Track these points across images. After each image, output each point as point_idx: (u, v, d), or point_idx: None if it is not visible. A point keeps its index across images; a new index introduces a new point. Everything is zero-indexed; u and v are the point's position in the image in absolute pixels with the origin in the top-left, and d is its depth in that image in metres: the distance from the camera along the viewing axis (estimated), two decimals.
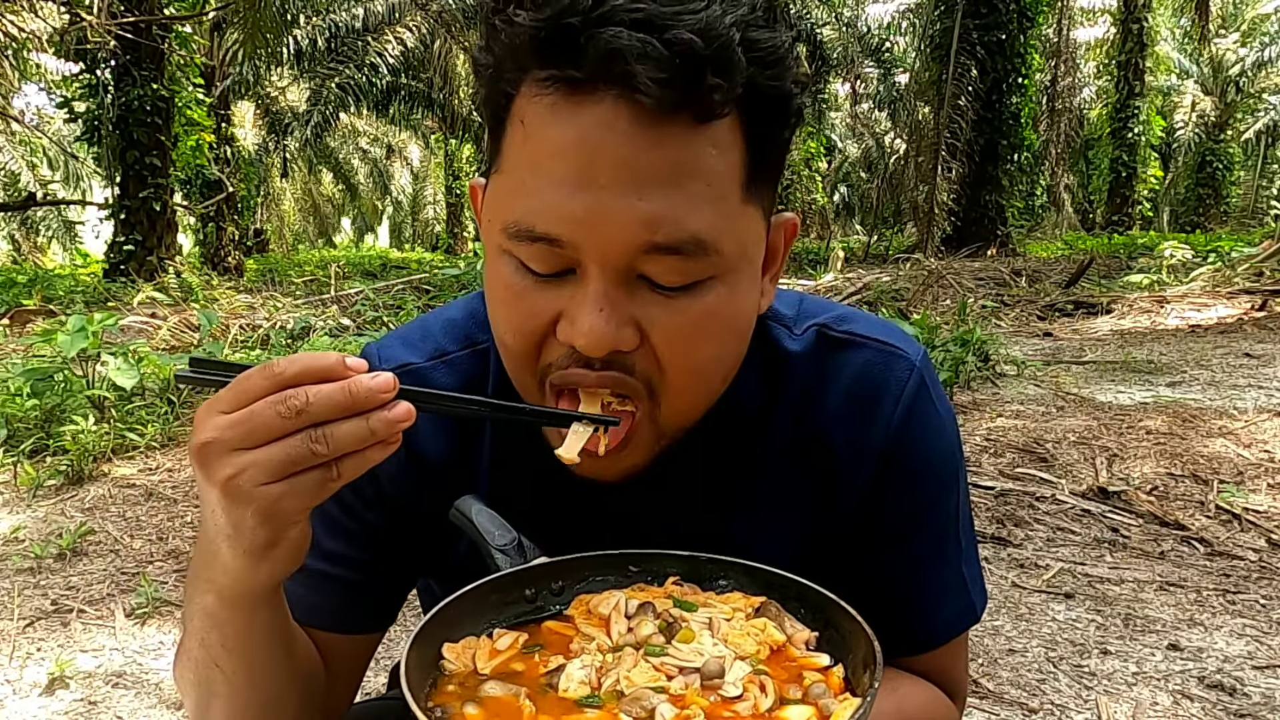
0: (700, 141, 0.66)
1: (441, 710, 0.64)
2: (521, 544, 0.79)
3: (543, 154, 0.67)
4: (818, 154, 23.05)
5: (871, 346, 0.87)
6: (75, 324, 4.64)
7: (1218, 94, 26.04)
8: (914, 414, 0.86)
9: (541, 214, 0.67)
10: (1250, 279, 9.69)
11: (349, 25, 17.56)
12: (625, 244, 0.66)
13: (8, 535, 3.54)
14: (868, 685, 0.63)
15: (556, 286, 0.70)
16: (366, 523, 0.88)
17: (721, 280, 0.71)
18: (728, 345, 0.76)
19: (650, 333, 0.70)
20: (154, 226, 13.75)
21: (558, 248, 0.68)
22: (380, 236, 44.16)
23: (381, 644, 0.99)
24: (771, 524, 0.88)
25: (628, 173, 0.65)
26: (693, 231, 0.67)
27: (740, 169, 0.69)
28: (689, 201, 0.66)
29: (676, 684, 0.65)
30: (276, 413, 0.59)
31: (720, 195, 0.68)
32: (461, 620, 0.73)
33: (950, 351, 6.00)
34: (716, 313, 0.71)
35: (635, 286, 0.69)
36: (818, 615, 0.74)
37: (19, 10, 11.81)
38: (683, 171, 0.66)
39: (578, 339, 0.69)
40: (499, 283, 0.73)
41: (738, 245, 0.71)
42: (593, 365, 0.71)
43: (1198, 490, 3.82)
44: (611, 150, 0.64)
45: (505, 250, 0.71)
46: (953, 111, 14.94)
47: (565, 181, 0.66)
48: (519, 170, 0.69)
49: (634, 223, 0.65)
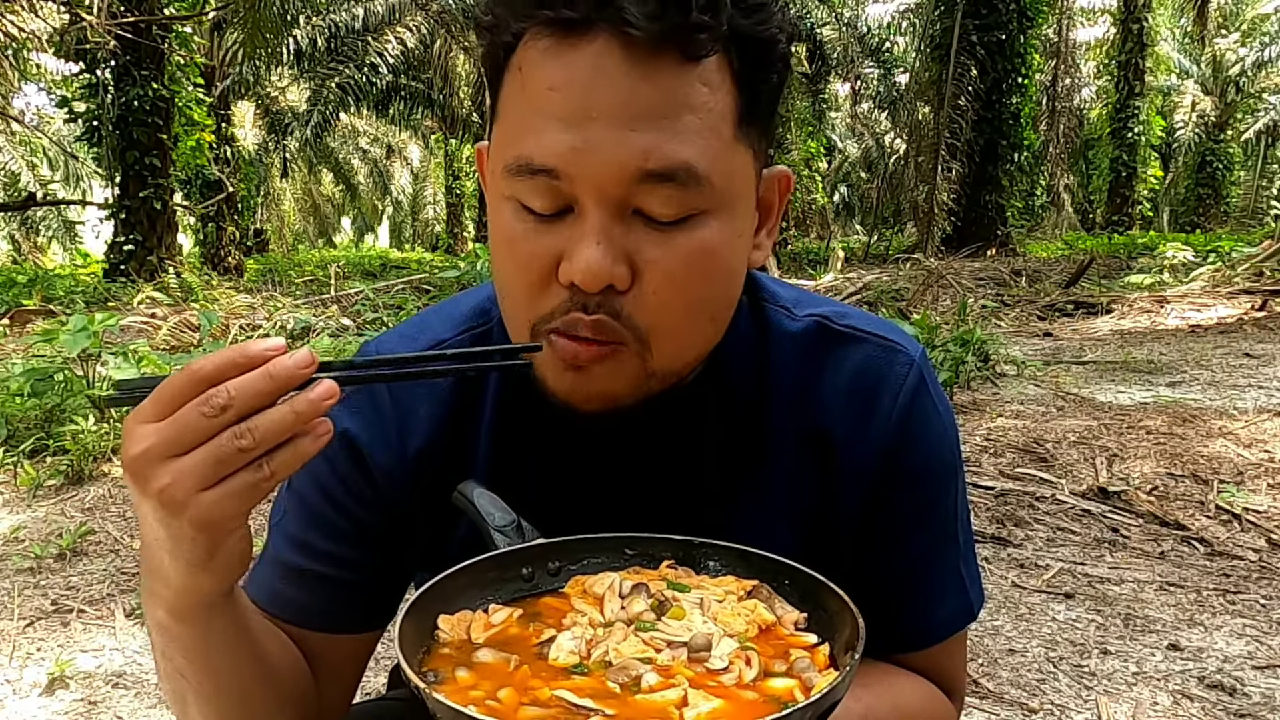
0: (690, 78, 0.69)
1: (434, 674, 0.66)
2: (520, 525, 0.80)
3: (539, 92, 0.69)
4: (818, 154, 23.03)
5: (871, 342, 0.88)
6: (76, 324, 4.64)
7: (1218, 94, 26.04)
8: (913, 410, 0.86)
9: (539, 147, 0.69)
10: (1250, 279, 9.70)
11: (349, 25, 17.56)
12: (619, 172, 0.68)
13: (8, 535, 3.54)
14: (849, 660, 0.64)
15: (555, 227, 0.72)
16: (360, 522, 0.87)
17: (714, 215, 0.72)
18: (719, 284, 0.77)
19: (644, 270, 0.72)
20: (154, 226, 13.76)
21: (555, 180, 0.70)
22: (380, 236, 44.18)
23: (382, 644, 0.99)
24: (773, 515, 0.88)
25: (621, 105, 0.67)
26: (684, 159, 0.69)
27: (731, 108, 0.72)
28: (680, 133, 0.69)
29: (664, 656, 0.67)
30: (200, 414, 0.58)
31: (711, 129, 0.70)
32: (458, 594, 0.74)
33: (950, 351, 5.99)
34: (709, 248, 0.73)
35: (631, 223, 0.71)
36: (808, 598, 0.75)
37: (19, 10, 11.81)
38: (673, 104, 0.68)
39: (576, 274, 0.70)
40: (501, 231, 0.75)
41: (729, 180, 0.73)
42: (588, 309, 0.72)
43: (1198, 490, 3.82)
44: (605, 85, 0.67)
45: (507, 197, 0.73)
46: (953, 111, 14.94)
47: (561, 115, 0.68)
48: (517, 112, 0.72)
49: (627, 151, 0.68)
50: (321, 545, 0.87)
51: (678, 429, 0.85)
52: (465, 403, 0.88)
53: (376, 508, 0.87)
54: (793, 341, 0.88)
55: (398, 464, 0.87)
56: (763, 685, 0.65)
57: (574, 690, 0.63)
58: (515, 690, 0.64)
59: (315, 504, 0.87)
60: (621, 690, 0.63)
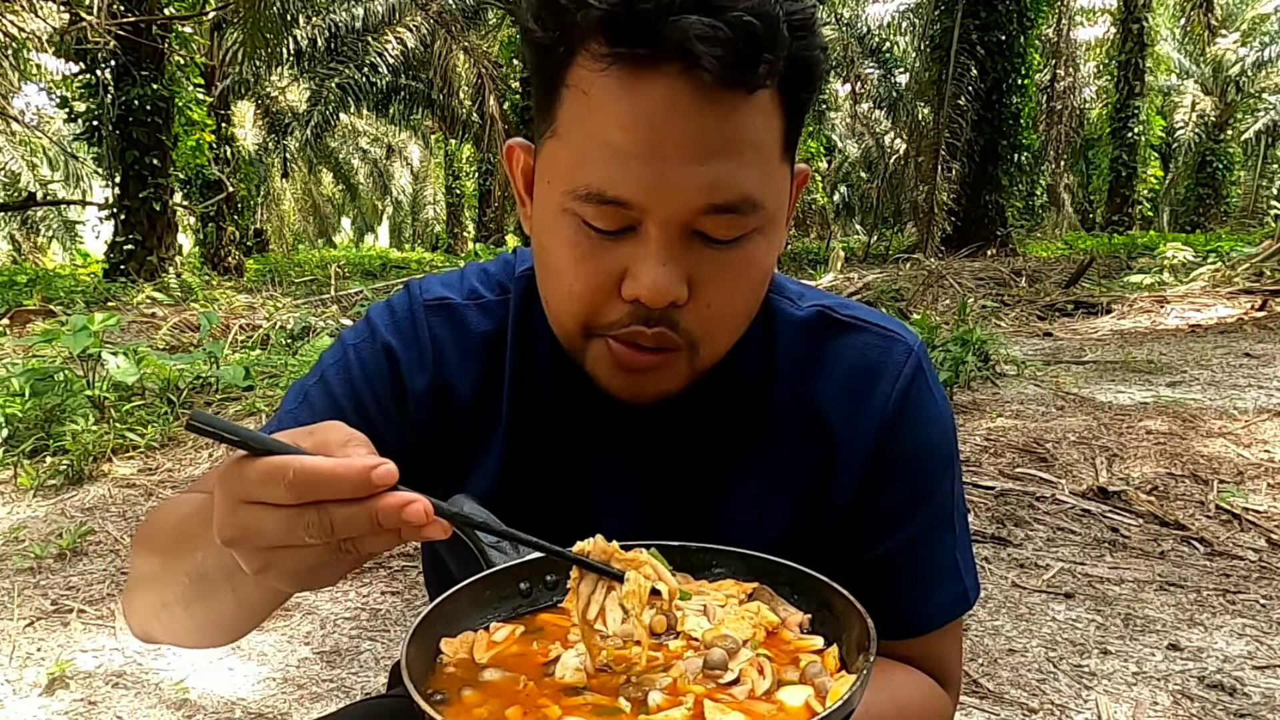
0: (751, 112, 0.72)
1: (441, 694, 0.65)
2: None
3: (611, 126, 0.72)
4: (818, 154, 23.03)
5: (872, 331, 0.92)
6: (76, 324, 4.64)
7: (1218, 94, 26.03)
8: (910, 396, 0.89)
9: (612, 181, 0.72)
10: (1250, 279, 9.69)
11: (349, 25, 17.54)
12: (688, 206, 0.73)
13: (8, 535, 3.54)
14: (863, 663, 0.64)
15: (617, 244, 0.75)
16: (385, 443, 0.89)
17: (762, 232, 0.78)
18: (761, 289, 0.83)
19: (701, 286, 0.76)
20: (154, 226, 13.75)
21: (624, 209, 0.73)
22: (380, 236, 44.16)
23: (381, 644, 0.99)
24: (774, 491, 0.90)
25: (692, 143, 0.71)
26: (745, 192, 0.74)
27: (780, 134, 0.76)
28: (743, 166, 0.73)
29: (676, 670, 0.67)
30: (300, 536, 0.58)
31: (766, 158, 0.75)
32: (458, 615, 0.74)
33: (950, 351, 5.99)
34: (756, 260, 0.78)
35: (691, 243, 0.75)
36: (810, 599, 0.75)
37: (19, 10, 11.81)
38: (737, 140, 0.72)
39: (642, 291, 0.74)
40: (561, 241, 0.77)
41: (776, 200, 0.78)
42: (649, 322, 0.76)
43: (1198, 490, 3.82)
44: (677, 123, 0.70)
45: (568, 211, 0.76)
46: (953, 111, 14.93)
47: (634, 153, 0.71)
48: (583, 139, 0.74)
49: (697, 187, 0.72)
50: None
51: (686, 404, 0.88)
52: (491, 359, 0.91)
53: (400, 428, 0.89)
54: (796, 328, 0.92)
55: (428, 393, 0.90)
56: (775, 697, 0.64)
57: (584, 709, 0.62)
58: (522, 709, 0.63)
59: (343, 404, 0.89)
60: (632, 708, 0.63)
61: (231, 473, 0.58)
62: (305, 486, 0.56)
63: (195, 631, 0.81)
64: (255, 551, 0.59)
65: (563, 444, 0.91)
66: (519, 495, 0.90)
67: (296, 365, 5.57)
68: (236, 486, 0.58)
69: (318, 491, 0.56)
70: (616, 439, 0.91)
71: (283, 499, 0.56)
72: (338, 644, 2.75)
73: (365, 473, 0.56)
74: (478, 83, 17.82)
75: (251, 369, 5.29)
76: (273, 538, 0.58)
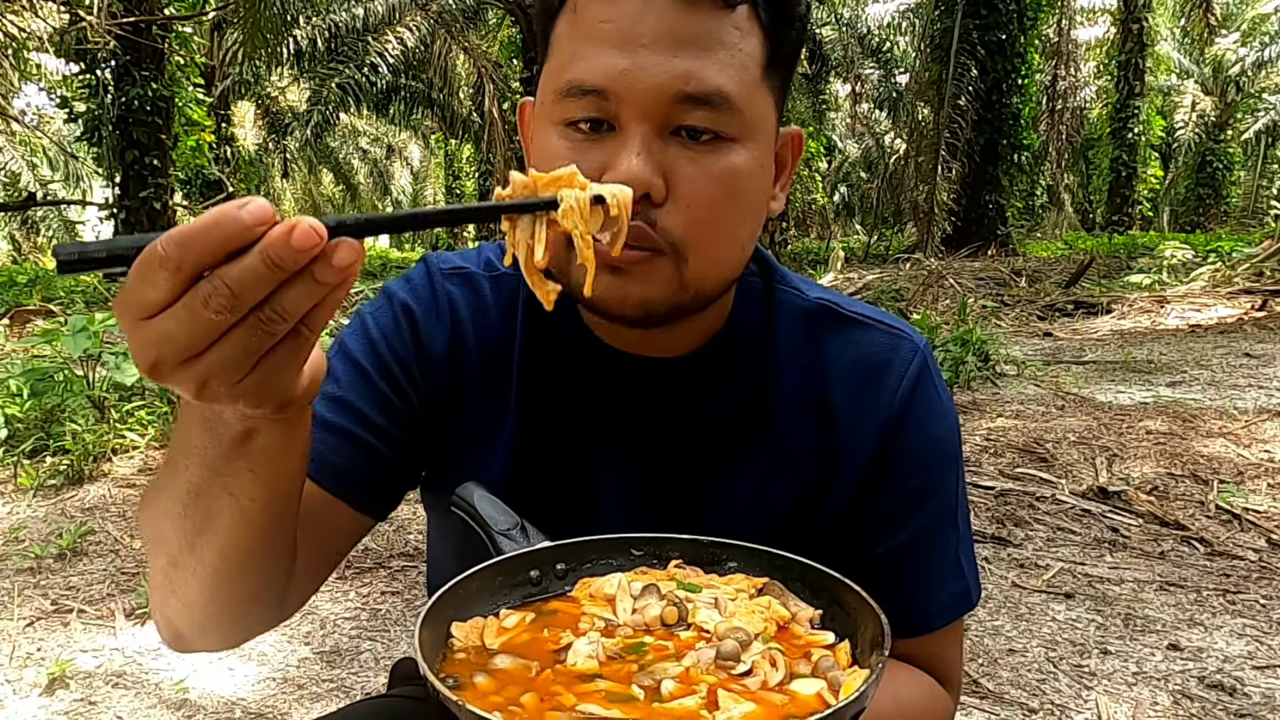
0: (724, 21, 0.77)
1: (453, 679, 0.66)
2: (524, 528, 0.81)
3: (591, 25, 0.78)
4: (818, 154, 23.01)
5: (878, 328, 0.93)
6: (76, 324, 4.63)
7: (1218, 94, 26.03)
8: (915, 394, 0.90)
9: (590, 70, 0.77)
10: (1250, 279, 9.69)
11: (349, 25, 17.55)
12: (661, 93, 0.76)
13: (8, 535, 3.54)
14: (876, 660, 0.64)
15: (599, 144, 0.78)
16: (403, 394, 0.91)
17: (741, 143, 0.80)
18: (744, 207, 0.83)
19: (678, 185, 0.78)
20: (154, 226, 13.74)
21: (603, 100, 0.77)
22: (380, 236, 44.19)
23: (382, 643, 0.99)
24: (775, 480, 0.91)
25: (665, 37, 0.76)
26: (718, 85, 0.77)
27: (758, 53, 0.80)
28: (716, 64, 0.77)
29: (688, 660, 0.67)
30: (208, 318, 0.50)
31: (742, 66, 0.79)
32: (468, 601, 0.74)
33: (950, 351, 6.00)
34: (736, 170, 0.80)
35: (668, 141, 0.78)
36: (821, 594, 0.75)
37: (19, 10, 11.81)
38: (710, 40, 0.77)
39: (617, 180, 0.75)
40: (547, 154, 0.80)
41: (755, 114, 0.81)
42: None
43: (1198, 490, 3.82)
44: (652, 19, 0.76)
45: (555, 122, 0.80)
46: (953, 111, 14.93)
47: (611, 42, 0.76)
48: (570, 44, 0.80)
49: (669, 75, 0.76)
50: (361, 407, 0.89)
51: (692, 385, 0.89)
52: (504, 332, 0.93)
53: (421, 386, 0.91)
54: (801, 318, 0.93)
55: (446, 354, 0.92)
56: (789, 688, 0.64)
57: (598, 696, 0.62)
58: (537, 696, 0.63)
59: (367, 368, 0.90)
60: (645, 696, 0.63)
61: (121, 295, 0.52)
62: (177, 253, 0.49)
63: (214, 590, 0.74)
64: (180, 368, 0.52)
65: (571, 424, 0.92)
66: (528, 474, 0.91)
67: None
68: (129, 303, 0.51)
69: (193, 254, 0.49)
70: (623, 419, 0.92)
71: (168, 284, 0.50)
72: (338, 644, 2.75)
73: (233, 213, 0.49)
74: (478, 83, 17.80)
75: None
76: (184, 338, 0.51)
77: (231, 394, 0.54)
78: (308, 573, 0.86)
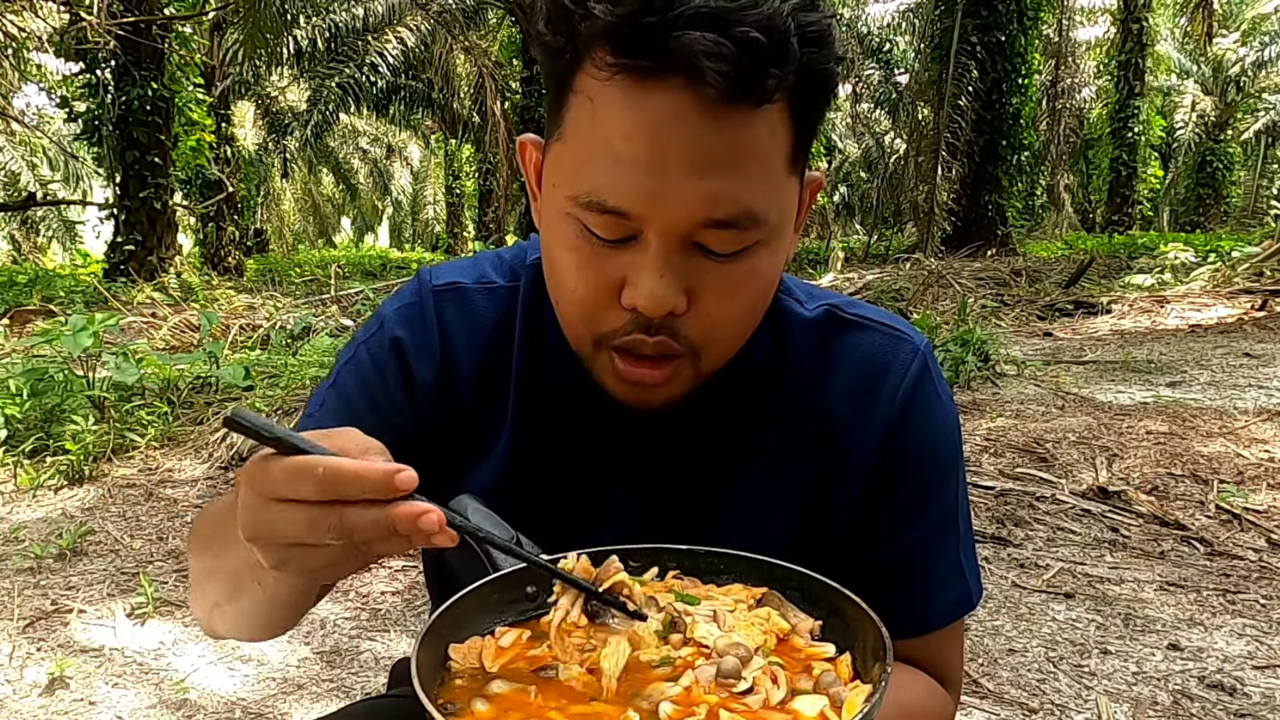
0: (756, 126, 0.71)
1: (451, 705, 0.65)
2: (520, 542, 0.79)
3: (614, 135, 0.71)
4: (818, 154, 23.04)
5: (879, 330, 0.92)
6: (76, 324, 4.64)
7: (1218, 94, 26.02)
8: (916, 396, 0.89)
9: (613, 190, 0.72)
10: (1250, 279, 9.69)
11: (349, 25, 17.55)
12: (688, 219, 0.72)
13: (8, 535, 3.54)
14: (879, 674, 0.63)
15: (618, 252, 0.75)
16: (394, 428, 0.90)
17: (765, 244, 0.77)
18: (765, 298, 0.83)
19: (700, 296, 0.76)
20: (154, 226, 13.76)
21: (624, 219, 0.73)
22: (380, 236, 44.15)
23: (381, 644, 0.99)
24: (777, 489, 0.90)
25: (693, 156, 0.70)
26: (746, 206, 0.73)
27: (788, 147, 0.75)
28: (746, 181, 0.72)
29: (686, 679, 0.66)
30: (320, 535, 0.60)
31: (771, 173, 0.74)
32: (465, 620, 0.73)
33: (950, 351, 6.00)
34: (759, 272, 0.78)
35: (690, 254, 0.75)
36: (820, 605, 0.74)
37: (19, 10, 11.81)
38: (741, 154, 0.71)
39: (640, 300, 0.75)
40: (564, 244, 0.78)
41: (781, 214, 0.77)
42: (649, 330, 0.77)
43: (1198, 490, 3.83)
44: (680, 136, 0.70)
45: (570, 215, 0.76)
46: (953, 111, 14.93)
47: (636, 163, 0.71)
48: (587, 146, 0.74)
49: (697, 200, 0.71)
50: None
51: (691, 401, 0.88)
52: (499, 348, 0.92)
53: (411, 418, 0.91)
54: (804, 328, 0.92)
55: (436, 383, 0.91)
56: (790, 707, 0.63)
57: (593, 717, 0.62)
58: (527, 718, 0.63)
59: (356, 402, 0.91)
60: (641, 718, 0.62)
61: (258, 470, 0.60)
62: (332, 484, 0.58)
63: (243, 627, 0.86)
64: (275, 548, 0.62)
65: (567, 439, 0.91)
66: (523, 488, 0.91)
67: (296, 365, 5.56)
68: (263, 483, 0.60)
69: (343, 489, 0.59)
70: (621, 436, 0.91)
71: (309, 496, 0.59)
72: (338, 644, 2.75)
73: (389, 476, 0.59)
74: (478, 83, 17.81)
75: (251, 369, 5.28)
76: (294, 535, 0.60)
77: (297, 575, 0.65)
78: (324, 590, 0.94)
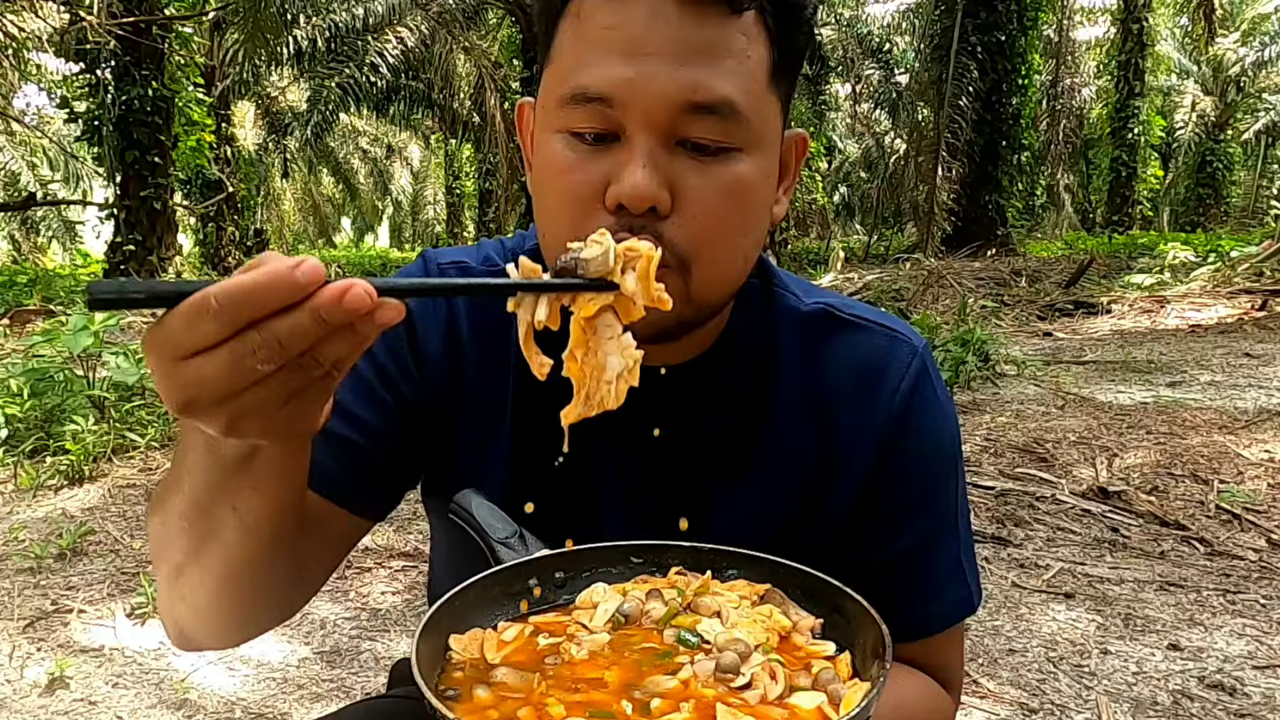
0: (731, 29, 0.76)
1: (453, 690, 0.65)
2: (523, 536, 0.80)
3: (597, 31, 0.76)
4: (818, 154, 23.02)
5: (877, 330, 0.92)
6: (76, 324, 4.63)
7: (1218, 94, 26.00)
8: (915, 397, 0.89)
9: (596, 78, 0.75)
10: (1250, 279, 9.69)
11: (349, 25, 17.54)
12: (668, 102, 0.75)
13: (8, 535, 3.54)
14: (878, 672, 0.64)
15: (603, 154, 0.77)
16: (401, 397, 0.90)
17: (748, 153, 0.79)
18: (751, 217, 0.82)
19: (685, 197, 0.77)
20: (154, 226, 13.76)
21: (608, 108, 0.76)
22: (380, 236, 44.13)
23: (382, 644, 0.99)
24: (775, 485, 0.90)
25: (672, 46, 0.74)
26: (726, 94, 0.76)
27: (765, 60, 0.79)
28: (723, 72, 0.76)
29: (685, 673, 0.66)
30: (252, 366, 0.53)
31: (749, 73, 0.77)
32: (467, 613, 0.73)
33: (950, 351, 6.00)
34: (743, 180, 0.79)
35: (675, 152, 0.77)
36: (822, 603, 0.74)
37: (19, 10, 11.81)
38: (717, 48, 0.76)
39: (623, 194, 0.75)
40: (551, 163, 0.79)
41: (762, 122, 0.80)
42: (633, 230, 0.76)
43: (1198, 490, 3.82)
44: (659, 28, 0.74)
45: (558, 130, 0.78)
46: (953, 111, 14.94)
47: (618, 50, 0.75)
48: (573, 50, 0.78)
49: (676, 84, 0.74)
50: (359, 412, 0.88)
51: (692, 392, 0.89)
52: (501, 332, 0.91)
53: (419, 387, 0.91)
54: (800, 322, 0.92)
55: (443, 353, 0.91)
56: (788, 702, 0.64)
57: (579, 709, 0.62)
58: (534, 710, 0.63)
59: (364, 372, 0.90)
60: (634, 709, 0.62)
61: (155, 334, 0.53)
62: (232, 308, 0.51)
63: (219, 597, 0.77)
64: (215, 407, 0.54)
65: (569, 431, 0.91)
66: (526, 481, 0.90)
67: None
68: (165, 344, 0.53)
69: (247, 309, 0.51)
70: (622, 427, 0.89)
71: (215, 333, 0.52)
72: (338, 644, 2.75)
73: (289, 273, 0.51)
74: (478, 83, 17.80)
75: None
76: (224, 382, 0.53)
77: (260, 431, 0.57)
78: (309, 574, 0.88)
